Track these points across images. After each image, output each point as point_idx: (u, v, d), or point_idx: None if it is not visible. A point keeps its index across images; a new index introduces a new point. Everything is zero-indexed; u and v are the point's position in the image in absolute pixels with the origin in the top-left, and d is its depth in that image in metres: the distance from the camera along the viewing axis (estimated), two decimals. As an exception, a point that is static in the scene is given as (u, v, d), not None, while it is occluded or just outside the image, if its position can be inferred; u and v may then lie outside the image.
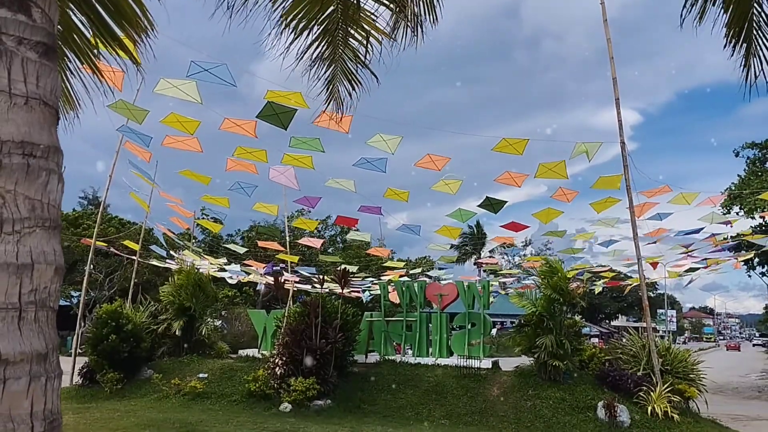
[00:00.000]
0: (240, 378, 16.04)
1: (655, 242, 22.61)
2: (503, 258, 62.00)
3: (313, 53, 5.03)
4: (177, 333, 18.91)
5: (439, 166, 15.30)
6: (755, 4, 4.19)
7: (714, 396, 20.07)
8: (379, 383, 15.69)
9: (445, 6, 5.15)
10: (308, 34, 4.81)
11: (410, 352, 18.24)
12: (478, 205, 17.64)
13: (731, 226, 22.33)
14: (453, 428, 13.27)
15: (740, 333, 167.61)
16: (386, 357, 17.71)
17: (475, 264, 60.25)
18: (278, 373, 15.21)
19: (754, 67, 4.53)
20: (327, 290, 17.67)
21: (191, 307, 19.15)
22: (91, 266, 21.34)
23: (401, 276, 29.54)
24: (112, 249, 26.33)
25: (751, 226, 27.13)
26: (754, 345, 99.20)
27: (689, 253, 23.13)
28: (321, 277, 18.97)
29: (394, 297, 20.95)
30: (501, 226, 20.49)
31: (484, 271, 55.85)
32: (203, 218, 29.85)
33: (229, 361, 18.40)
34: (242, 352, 20.13)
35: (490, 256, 42.09)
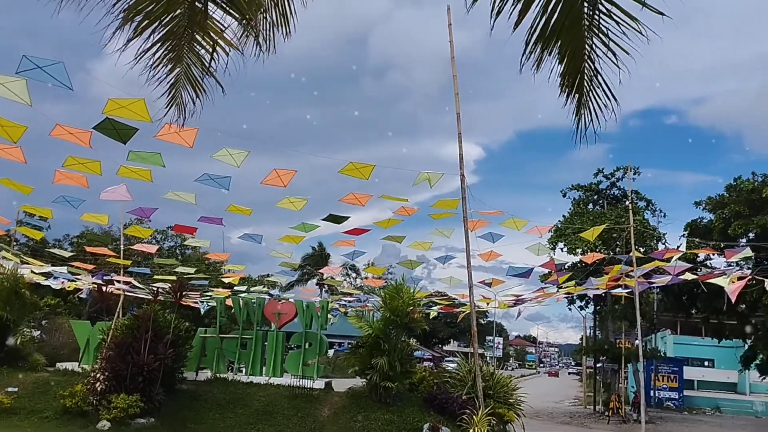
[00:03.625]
0: (55, 393, 14.86)
1: (489, 285, 23.90)
2: (345, 279, 62.68)
3: (155, 54, 4.83)
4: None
5: (285, 182, 15.22)
6: (587, 59, 4.55)
7: (531, 420, 21.34)
8: (209, 402, 15.20)
9: (297, 26, 5.15)
10: (151, 35, 4.63)
11: (243, 370, 17.85)
12: (322, 219, 17.84)
13: (554, 270, 24.01)
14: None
15: (558, 361, 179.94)
16: (218, 375, 17.21)
17: (317, 284, 60.34)
18: (99, 388, 14.27)
19: (584, 118, 4.89)
20: (160, 291, 17.01)
21: (4, 316, 17.57)
22: None
23: (241, 279, 29.04)
24: None
25: (573, 262, 29.32)
26: (569, 373, 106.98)
27: (518, 299, 24.68)
28: (156, 289, 18.15)
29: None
30: (343, 232, 20.54)
31: (326, 291, 56.09)
32: (23, 225, 27.53)
33: (45, 374, 17.01)
34: (60, 366, 18.70)
35: (331, 277, 42.22)
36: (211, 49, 4.94)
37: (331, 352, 34.76)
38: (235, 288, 29.49)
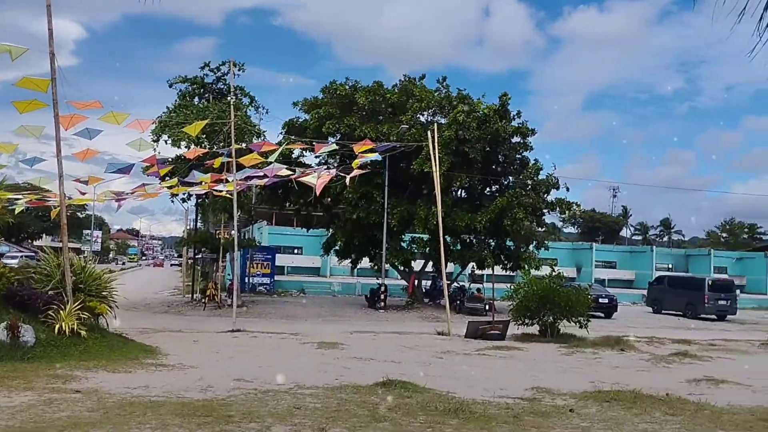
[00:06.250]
0: None
1: (86, 183, 22.27)
2: None
3: None
4: None
5: None
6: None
7: (127, 312, 21.24)
8: None
9: None
10: None
11: None
12: None
13: (157, 167, 23.50)
14: None
15: (162, 253, 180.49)
16: None
17: None
18: None
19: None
20: None
21: None
22: None
23: None
24: None
25: (177, 155, 29.11)
26: (172, 265, 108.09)
27: (120, 198, 23.58)
28: None
29: None
30: None
31: None
32: None
33: None
34: None
35: None
36: None
37: None
38: None
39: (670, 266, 63.93)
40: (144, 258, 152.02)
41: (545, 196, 31.21)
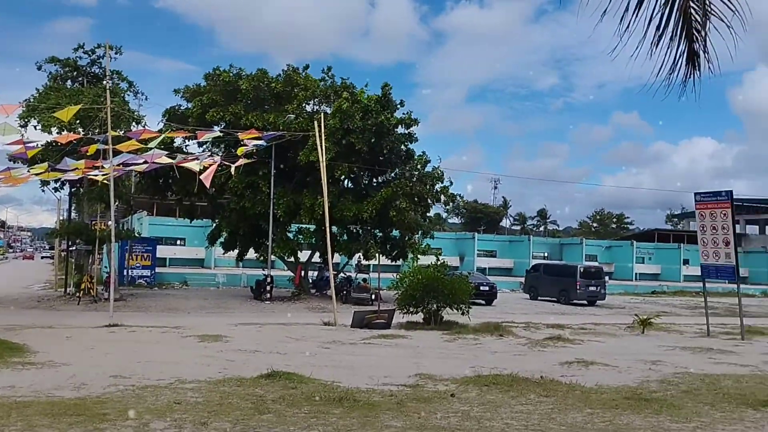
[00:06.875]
0: None
1: None
2: None
3: None
4: None
5: None
6: None
7: (-9, 308, 19.89)
8: None
9: None
10: None
11: None
12: None
13: (25, 140, 22.08)
14: None
15: (32, 245, 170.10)
16: None
17: None
18: None
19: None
20: None
21: None
22: None
23: None
24: None
25: (47, 141, 27.42)
26: (43, 257, 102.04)
27: None
28: None
29: None
30: None
31: None
32: None
33: None
34: None
35: None
36: None
37: None
38: None
39: (546, 255, 66.92)
40: (11, 251, 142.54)
41: (430, 188, 31.74)
